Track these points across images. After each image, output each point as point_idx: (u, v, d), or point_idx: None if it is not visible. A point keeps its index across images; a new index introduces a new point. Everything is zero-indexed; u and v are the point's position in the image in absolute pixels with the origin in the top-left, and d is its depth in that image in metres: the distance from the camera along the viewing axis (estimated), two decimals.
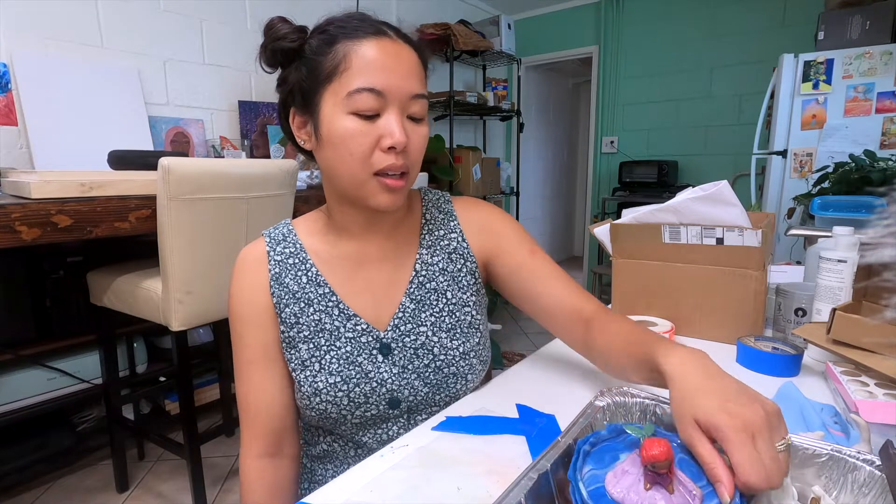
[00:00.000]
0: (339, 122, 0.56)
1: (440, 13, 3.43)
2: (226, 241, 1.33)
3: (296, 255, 0.65)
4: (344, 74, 0.55)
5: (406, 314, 0.65)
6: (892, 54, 2.15)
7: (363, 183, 0.58)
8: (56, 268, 1.60)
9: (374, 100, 0.55)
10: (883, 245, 0.58)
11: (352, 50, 0.55)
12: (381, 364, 0.63)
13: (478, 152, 3.33)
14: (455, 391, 0.66)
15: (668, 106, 3.62)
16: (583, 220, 4.82)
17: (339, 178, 0.59)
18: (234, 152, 2.20)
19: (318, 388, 0.62)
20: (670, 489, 0.37)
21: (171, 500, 1.63)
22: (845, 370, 0.64)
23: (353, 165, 0.57)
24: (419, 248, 0.68)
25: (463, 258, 0.69)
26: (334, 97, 0.56)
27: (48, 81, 1.75)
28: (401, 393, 0.63)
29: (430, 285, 0.67)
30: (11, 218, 1.09)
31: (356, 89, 0.55)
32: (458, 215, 0.71)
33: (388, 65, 0.56)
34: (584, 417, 0.46)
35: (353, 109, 0.55)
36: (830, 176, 1.57)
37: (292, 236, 0.67)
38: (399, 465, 0.52)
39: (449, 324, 0.66)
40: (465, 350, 0.65)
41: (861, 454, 0.40)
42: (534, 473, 0.37)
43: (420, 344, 0.64)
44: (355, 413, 0.63)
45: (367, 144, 0.56)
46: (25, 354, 1.54)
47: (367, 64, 0.55)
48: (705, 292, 0.83)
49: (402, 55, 0.57)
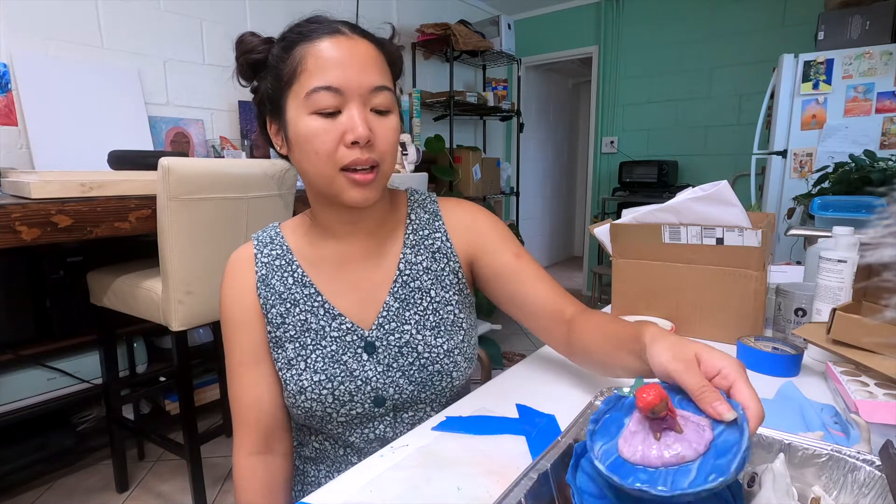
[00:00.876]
0: (302, 122, 0.57)
1: (440, 13, 3.43)
2: (226, 241, 1.33)
3: (282, 256, 0.67)
4: (302, 76, 0.57)
5: (390, 313, 0.66)
6: (892, 54, 2.15)
7: (332, 180, 0.59)
8: (56, 268, 1.60)
9: (331, 97, 0.56)
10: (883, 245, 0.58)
11: (307, 52, 0.57)
12: (366, 362, 0.64)
13: (478, 152, 3.33)
14: (440, 389, 0.66)
15: (668, 106, 3.63)
16: (583, 220, 4.82)
17: (311, 178, 0.61)
18: (234, 152, 2.20)
19: (302, 387, 0.63)
20: (678, 429, 0.37)
21: (171, 500, 1.63)
22: (845, 370, 0.64)
23: (320, 163, 0.58)
24: (403, 248, 0.69)
25: (446, 258, 0.69)
26: (296, 100, 0.57)
27: (48, 81, 1.75)
28: (385, 391, 0.64)
29: (413, 284, 0.67)
30: (11, 218, 1.09)
31: (313, 89, 0.56)
32: (444, 215, 0.71)
33: (342, 61, 0.57)
34: (584, 418, 0.46)
35: (314, 109, 0.56)
36: (830, 176, 1.57)
37: (279, 238, 0.68)
38: (399, 465, 0.52)
39: (433, 322, 0.66)
40: (448, 348, 0.66)
41: (861, 454, 0.40)
42: (534, 473, 0.37)
43: (404, 342, 0.65)
44: (340, 411, 0.63)
45: (330, 142, 0.57)
46: (25, 354, 1.54)
47: (321, 63, 0.56)
48: (705, 292, 0.83)
49: (357, 50, 0.58)
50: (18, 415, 1.55)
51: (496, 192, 3.56)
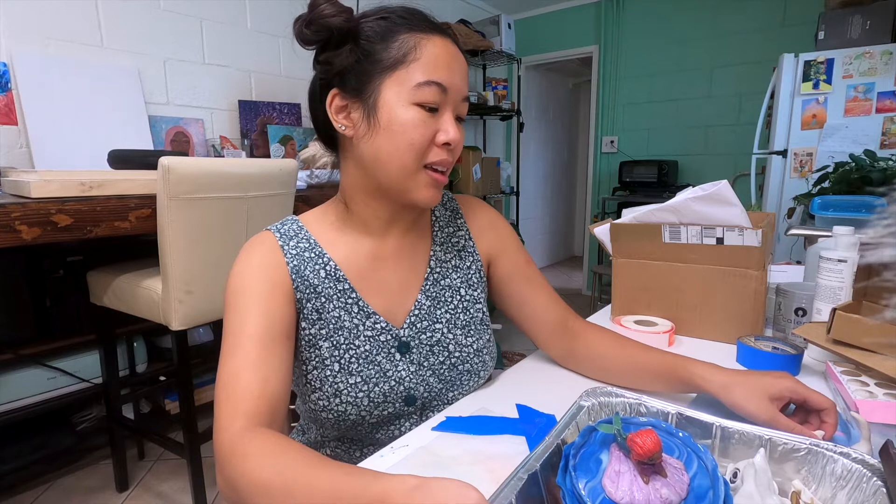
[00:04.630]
0: (401, 110, 0.55)
1: (440, 13, 3.39)
2: (226, 240, 1.33)
3: (311, 249, 0.62)
4: (412, 65, 0.55)
5: (422, 311, 0.65)
6: (892, 54, 2.15)
7: (413, 174, 0.58)
8: (56, 267, 1.60)
9: (438, 94, 0.56)
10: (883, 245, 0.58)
11: (420, 42, 0.56)
12: (399, 362, 0.63)
13: (478, 152, 3.33)
14: (468, 388, 0.67)
15: (668, 106, 3.62)
16: (583, 220, 4.81)
17: (387, 168, 0.57)
18: (234, 152, 2.20)
19: (338, 389, 0.60)
20: (664, 473, 0.38)
21: (171, 499, 1.63)
22: (845, 370, 0.64)
23: (409, 155, 0.56)
24: (432, 245, 0.68)
25: (471, 256, 0.70)
26: (399, 86, 0.55)
27: (48, 81, 1.75)
28: (416, 390, 0.64)
29: (444, 282, 0.67)
30: (11, 217, 1.09)
31: (425, 81, 0.55)
32: (464, 214, 0.72)
33: (452, 64, 0.57)
34: (569, 417, 0.47)
35: (419, 101, 0.55)
36: (830, 176, 1.56)
37: (304, 232, 0.63)
38: (399, 465, 0.52)
39: (463, 321, 0.67)
40: (478, 347, 0.67)
41: (838, 448, 0.41)
42: (523, 474, 0.38)
43: (436, 341, 0.65)
44: (373, 413, 0.62)
45: (427, 136, 0.56)
46: (25, 354, 1.54)
47: (436, 58, 0.56)
48: (705, 292, 0.83)
49: (460, 58, 0.59)
50: (18, 414, 1.54)
51: (496, 192, 3.56)
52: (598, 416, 0.49)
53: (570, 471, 0.39)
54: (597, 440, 0.42)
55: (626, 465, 0.39)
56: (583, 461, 0.41)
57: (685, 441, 0.43)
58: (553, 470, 0.40)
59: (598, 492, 0.38)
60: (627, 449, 0.39)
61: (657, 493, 0.37)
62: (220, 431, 0.50)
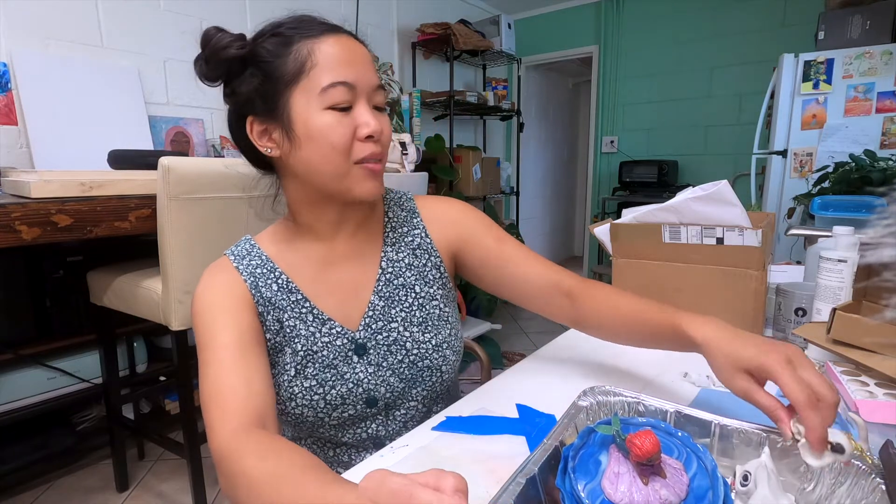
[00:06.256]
0: (315, 117, 0.56)
1: (440, 13, 3.43)
2: (226, 241, 1.32)
3: (262, 265, 0.64)
4: (312, 72, 0.56)
5: (376, 312, 0.66)
6: (892, 54, 2.15)
7: (346, 173, 0.58)
8: (56, 268, 1.60)
9: (346, 93, 0.57)
10: (883, 245, 0.58)
11: (315, 48, 0.56)
12: (357, 364, 0.64)
13: (478, 152, 3.33)
14: (430, 384, 0.67)
15: (668, 106, 3.62)
16: (583, 220, 4.81)
17: (320, 175, 0.59)
18: (234, 152, 2.19)
19: (293, 393, 0.62)
20: (663, 474, 0.38)
21: (171, 499, 1.63)
22: (845, 370, 0.64)
23: (336, 158, 0.57)
24: (383, 246, 0.69)
25: (427, 253, 0.70)
26: (306, 95, 0.56)
27: (48, 81, 1.75)
28: (377, 391, 0.64)
29: (397, 281, 0.68)
30: (11, 217, 1.09)
31: (330, 84, 0.56)
32: (421, 212, 0.72)
33: (352, 59, 0.58)
34: (567, 417, 0.47)
35: (329, 104, 0.56)
36: (830, 176, 1.57)
37: (256, 250, 0.65)
38: (399, 465, 0.52)
39: (419, 318, 0.67)
40: (437, 342, 0.67)
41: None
42: (522, 478, 0.38)
43: (392, 340, 0.65)
44: (332, 415, 0.63)
45: (346, 136, 0.57)
46: (25, 354, 1.54)
47: (333, 59, 0.56)
48: (705, 292, 0.83)
49: (358, 49, 0.59)
50: (18, 414, 1.54)
51: (496, 192, 3.56)
52: (597, 415, 0.49)
53: (570, 472, 0.39)
54: (596, 441, 0.42)
55: (626, 466, 0.39)
56: (582, 463, 0.41)
57: (684, 441, 0.43)
58: (552, 472, 0.40)
59: (598, 493, 0.38)
60: (626, 450, 0.39)
61: (656, 494, 0.37)
62: (214, 435, 0.50)
